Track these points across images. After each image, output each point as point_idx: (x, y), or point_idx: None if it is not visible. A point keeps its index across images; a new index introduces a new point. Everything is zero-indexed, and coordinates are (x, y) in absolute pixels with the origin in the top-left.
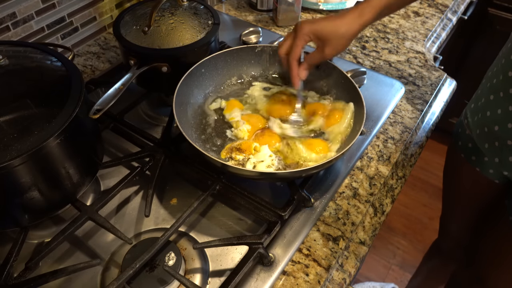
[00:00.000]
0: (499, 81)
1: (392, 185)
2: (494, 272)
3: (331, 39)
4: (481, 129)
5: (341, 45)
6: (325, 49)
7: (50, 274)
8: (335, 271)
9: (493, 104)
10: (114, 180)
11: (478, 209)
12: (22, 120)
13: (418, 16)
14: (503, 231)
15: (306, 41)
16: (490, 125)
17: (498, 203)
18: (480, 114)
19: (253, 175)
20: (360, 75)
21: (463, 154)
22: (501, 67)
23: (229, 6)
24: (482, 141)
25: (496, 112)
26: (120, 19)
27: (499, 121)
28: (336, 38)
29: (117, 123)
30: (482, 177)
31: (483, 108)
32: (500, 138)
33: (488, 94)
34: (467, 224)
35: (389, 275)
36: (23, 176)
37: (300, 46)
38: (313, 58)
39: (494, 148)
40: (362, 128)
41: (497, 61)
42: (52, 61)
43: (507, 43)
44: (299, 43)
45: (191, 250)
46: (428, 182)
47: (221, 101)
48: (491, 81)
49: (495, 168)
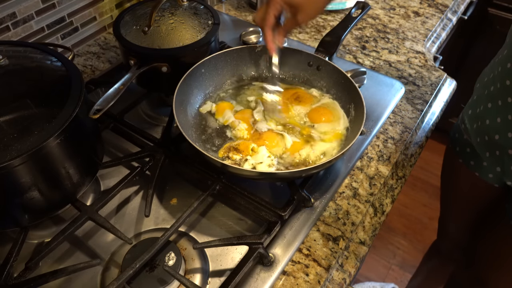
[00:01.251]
0: (497, 89)
1: (392, 185)
2: (494, 274)
3: (303, 6)
4: (481, 137)
5: (313, 11)
6: (298, 15)
7: (50, 274)
8: (335, 271)
9: (492, 113)
10: (114, 180)
11: (477, 211)
12: (22, 120)
13: (418, 16)
14: (503, 233)
15: (278, 10)
16: (490, 134)
17: (497, 205)
18: (480, 122)
19: (253, 175)
20: (360, 75)
21: (461, 159)
22: (498, 74)
23: (229, 6)
24: (483, 149)
25: (495, 121)
26: (120, 19)
27: (499, 130)
28: (307, 3)
29: (117, 123)
30: (481, 181)
31: (482, 116)
32: (501, 147)
33: (486, 101)
34: (466, 225)
35: (389, 275)
36: (23, 176)
37: (272, 14)
38: (287, 26)
39: (495, 157)
40: (362, 128)
41: (493, 68)
42: (52, 61)
43: (502, 50)
44: (270, 11)
45: (191, 250)
46: (428, 182)
47: (211, 105)
48: (488, 88)
49: (495, 174)
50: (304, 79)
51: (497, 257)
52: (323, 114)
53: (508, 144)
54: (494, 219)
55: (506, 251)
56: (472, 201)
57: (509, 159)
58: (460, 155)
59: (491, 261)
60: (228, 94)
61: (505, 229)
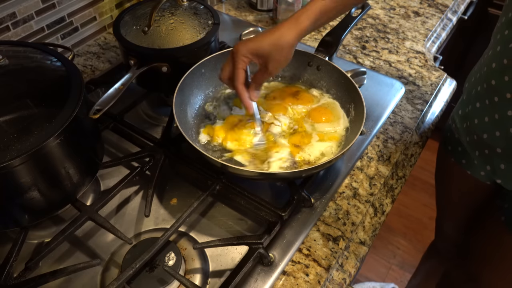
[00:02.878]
0: (483, 89)
1: (392, 185)
2: (485, 270)
3: (271, 54)
4: (470, 136)
5: (283, 57)
6: (269, 65)
7: (50, 274)
8: (335, 271)
9: (480, 112)
10: (114, 180)
11: (470, 208)
12: (22, 120)
13: (418, 16)
14: (494, 230)
15: (245, 63)
16: (479, 133)
17: (489, 202)
18: (469, 121)
19: (253, 175)
20: (360, 75)
21: (453, 158)
22: (484, 74)
23: (229, 6)
24: (472, 148)
25: (483, 120)
26: (120, 19)
27: (487, 129)
28: (275, 51)
29: (117, 123)
30: (473, 179)
31: (470, 115)
32: (490, 146)
33: (474, 101)
34: (460, 223)
35: (389, 275)
36: (23, 176)
37: (241, 69)
38: (259, 78)
39: (484, 156)
40: (362, 128)
41: (480, 68)
42: (52, 61)
43: (488, 50)
44: (239, 67)
45: (191, 250)
46: (428, 182)
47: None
48: (476, 88)
49: (486, 172)
50: (304, 79)
51: (489, 253)
52: (324, 114)
53: (496, 143)
54: (486, 215)
55: (497, 247)
56: (466, 199)
57: (498, 157)
58: (452, 154)
59: (482, 257)
60: (224, 95)
61: (496, 225)
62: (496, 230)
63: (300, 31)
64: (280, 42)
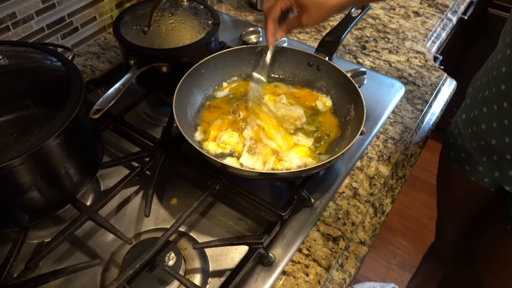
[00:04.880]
0: (492, 94)
1: (392, 185)
2: (488, 276)
3: (310, 8)
4: (477, 142)
5: (318, 16)
6: (303, 16)
7: (50, 274)
8: (335, 271)
9: (487, 117)
10: (114, 180)
11: (472, 214)
12: (22, 120)
13: (418, 16)
14: (497, 236)
15: (286, 5)
16: (486, 139)
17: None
18: (475, 126)
19: (253, 175)
20: (360, 75)
21: (456, 164)
22: (493, 79)
23: (229, 6)
24: (479, 154)
25: (491, 126)
26: (120, 19)
27: (496, 135)
28: (314, 7)
29: (117, 123)
30: (477, 185)
31: (477, 120)
32: (499, 152)
33: (481, 106)
34: (461, 228)
35: (389, 275)
36: (23, 176)
37: (279, 8)
38: (291, 24)
39: (493, 162)
40: (362, 128)
41: (487, 72)
42: (52, 61)
43: (496, 54)
44: (278, 5)
45: (191, 250)
46: (428, 182)
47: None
48: (483, 92)
49: (492, 179)
50: (304, 79)
51: (492, 258)
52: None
53: (506, 149)
54: (489, 221)
55: (500, 253)
56: (468, 205)
57: (508, 164)
58: (455, 160)
59: (485, 262)
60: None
61: (499, 232)
62: (499, 235)
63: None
64: (322, 0)
